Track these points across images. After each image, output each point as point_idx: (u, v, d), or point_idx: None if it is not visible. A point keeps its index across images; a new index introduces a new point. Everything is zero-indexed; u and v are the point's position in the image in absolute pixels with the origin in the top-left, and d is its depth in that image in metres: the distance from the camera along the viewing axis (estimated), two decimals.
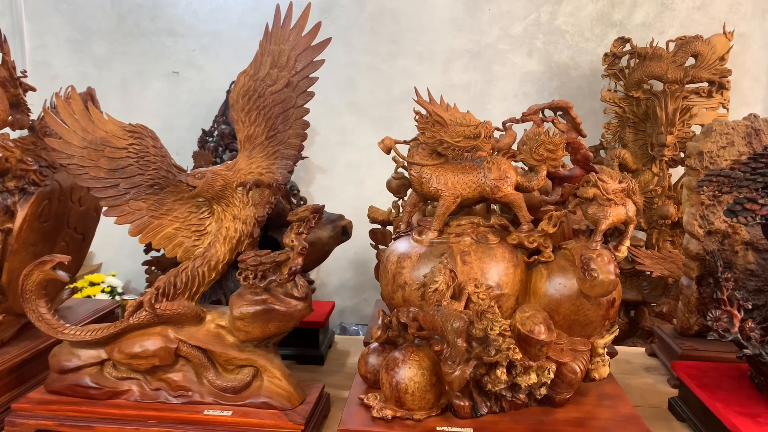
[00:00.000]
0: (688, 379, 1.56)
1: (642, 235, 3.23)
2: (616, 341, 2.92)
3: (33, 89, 1.76)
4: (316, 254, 2.01)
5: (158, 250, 1.60)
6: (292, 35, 1.53)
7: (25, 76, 1.75)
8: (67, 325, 1.50)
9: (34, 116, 1.78)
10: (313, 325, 1.97)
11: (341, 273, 3.83)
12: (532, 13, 3.55)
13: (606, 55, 3.23)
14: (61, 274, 1.46)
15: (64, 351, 1.51)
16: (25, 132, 1.76)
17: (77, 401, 1.48)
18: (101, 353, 1.50)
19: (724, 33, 3.04)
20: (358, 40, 3.65)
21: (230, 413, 1.43)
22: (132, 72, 3.83)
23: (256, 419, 1.41)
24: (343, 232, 2.09)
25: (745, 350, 1.41)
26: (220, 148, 3.52)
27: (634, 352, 2.13)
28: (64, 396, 1.49)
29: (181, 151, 3.63)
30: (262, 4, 3.66)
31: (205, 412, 1.44)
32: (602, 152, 3.33)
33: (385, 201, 2.05)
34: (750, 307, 1.47)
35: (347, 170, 3.77)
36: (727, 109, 3.11)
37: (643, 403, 1.72)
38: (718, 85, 3.06)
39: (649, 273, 2.48)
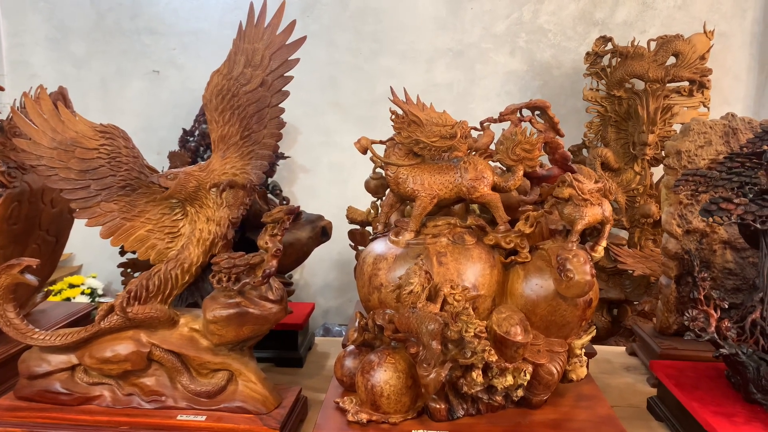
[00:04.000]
0: (666, 379, 1.56)
1: (624, 234, 3.24)
2: (599, 340, 2.94)
3: (1, 89, 1.72)
4: (295, 255, 1.99)
5: (134, 252, 1.57)
6: (266, 34, 1.51)
7: None
8: (37, 329, 1.47)
9: (2, 116, 1.74)
10: (292, 327, 1.95)
11: (325, 273, 3.81)
12: (514, 11, 3.54)
13: (588, 54, 3.23)
14: (30, 278, 1.43)
15: (34, 356, 1.48)
16: None
17: (47, 407, 1.45)
18: (72, 358, 1.47)
19: (705, 32, 3.06)
20: (341, 39, 3.63)
21: (204, 418, 1.41)
22: (112, 71, 3.77)
23: (230, 424, 1.39)
24: (322, 232, 2.07)
25: (721, 350, 1.41)
26: (201, 148, 3.48)
27: (614, 352, 2.13)
28: (33, 402, 1.46)
29: (163, 151, 3.58)
30: (243, 2, 3.60)
31: (179, 417, 1.42)
32: (585, 151, 3.33)
33: (369, 201, 2.03)
34: (726, 306, 1.47)
35: (330, 170, 3.74)
36: (708, 108, 3.12)
37: (623, 403, 1.72)
38: (699, 84, 3.08)
39: (631, 272, 2.48)
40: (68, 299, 3.38)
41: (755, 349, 1.41)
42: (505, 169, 1.53)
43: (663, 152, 3.09)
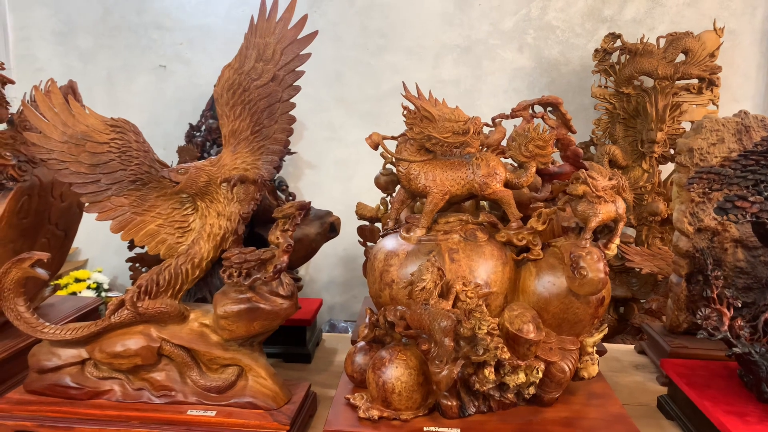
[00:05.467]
0: (677, 378, 1.55)
1: (632, 232, 3.23)
2: (605, 338, 2.93)
3: (11, 82, 1.72)
4: (304, 251, 1.98)
5: (142, 247, 1.58)
6: (277, 28, 1.50)
7: (3, 68, 1.70)
8: (47, 323, 1.47)
9: (13, 109, 1.74)
10: (301, 323, 1.94)
11: (330, 269, 3.81)
12: (522, 8, 3.53)
13: (596, 51, 3.23)
14: (40, 272, 1.43)
15: (44, 350, 1.48)
16: (3, 126, 1.72)
17: (57, 401, 1.45)
18: (82, 352, 1.47)
19: (714, 29, 3.04)
20: (347, 35, 3.62)
21: (214, 413, 1.40)
22: (118, 66, 3.78)
23: (240, 419, 1.39)
24: (330, 228, 2.06)
25: (734, 348, 1.40)
26: (208, 143, 3.48)
27: (623, 350, 2.12)
28: (43, 396, 1.46)
29: (169, 146, 3.59)
30: None
31: (189, 413, 1.41)
32: (592, 148, 3.32)
33: (374, 197, 2.02)
34: (739, 305, 1.46)
35: (336, 166, 3.74)
36: (717, 106, 3.11)
37: (632, 401, 1.71)
38: (708, 82, 3.07)
39: (638, 270, 2.48)
40: (74, 293, 3.39)
41: None
42: (517, 165, 1.52)
43: (672, 150, 3.09)
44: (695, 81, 3.08)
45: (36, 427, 1.40)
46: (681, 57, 3.04)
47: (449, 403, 1.32)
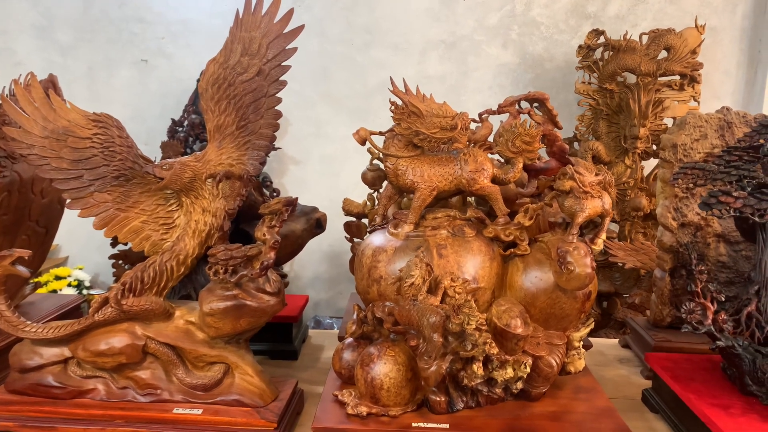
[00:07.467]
0: (662, 371, 1.57)
1: (614, 227, 3.26)
2: (590, 333, 2.96)
3: None
4: (290, 247, 1.97)
5: (125, 244, 1.55)
6: (263, 22, 1.49)
7: None
8: (29, 322, 1.44)
9: None
10: (287, 320, 1.93)
11: (316, 266, 3.79)
12: (507, 4, 3.54)
13: (580, 47, 3.24)
14: (21, 270, 1.40)
15: (26, 349, 1.45)
16: None
17: (40, 401, 1.42)
18: (65, 351, 1.44)
19: (696, 26, 3.07)
20: (333, 30, 3.60)
21: (200, 411, 1.39)
22: (99, 60, 3.72)
23: (227, 417, 1.38)
24: (317, 224, 2.05)
25: (718, 342, 1.42)
26: (191, 139, 3.44)
27: (608, 344, 2.14)
28: (25, 396, 1.44)
29: (151, 141, 3.55)
30: None
31: (175, 411, 1.40)
32: (576, 144, 3.34)
33: (360, 193, 2.02)
34: (723, 299, 1.48)
35: (322, 162, 3.73)
36: (698, 102, 3.14)
37: (617, 395, 1.73)
38: (690, 78, 3.10)
39: (621, 264, 2.50)
40: (55, 291, 3.34)
41: (750, 342, 1.42)
42: (504, 161, 1.52)
43: (654, 146, 3.12)
44: (677, 77, 3.11)
45: (18, 428, 1.38)
46: (663, 54, 3.07)
47: (438, 399, 1.32)
